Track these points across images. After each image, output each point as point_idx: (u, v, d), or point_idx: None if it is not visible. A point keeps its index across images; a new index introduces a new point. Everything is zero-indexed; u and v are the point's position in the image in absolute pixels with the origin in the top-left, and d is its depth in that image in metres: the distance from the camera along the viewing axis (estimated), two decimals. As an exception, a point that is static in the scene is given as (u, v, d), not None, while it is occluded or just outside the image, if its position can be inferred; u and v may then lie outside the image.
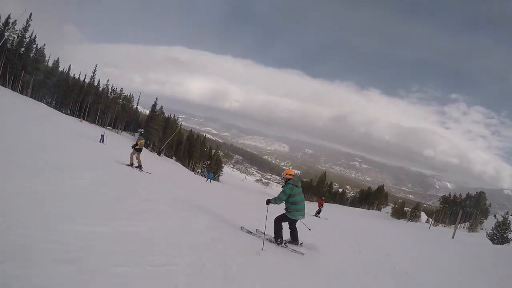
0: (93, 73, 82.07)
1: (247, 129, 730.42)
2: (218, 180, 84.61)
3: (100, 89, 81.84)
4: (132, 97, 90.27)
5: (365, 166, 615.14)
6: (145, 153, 68.93)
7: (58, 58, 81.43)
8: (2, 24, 63.05)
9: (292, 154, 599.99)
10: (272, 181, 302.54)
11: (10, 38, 64.79)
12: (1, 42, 56.85)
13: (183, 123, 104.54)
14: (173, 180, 22.79)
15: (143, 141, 17.62)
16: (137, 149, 17.14)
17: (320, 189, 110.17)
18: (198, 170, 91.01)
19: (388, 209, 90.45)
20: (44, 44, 74.57)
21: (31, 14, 67.09)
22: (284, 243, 7.87)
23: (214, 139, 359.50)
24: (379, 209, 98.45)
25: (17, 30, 66.09)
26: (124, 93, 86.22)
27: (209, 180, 51.28)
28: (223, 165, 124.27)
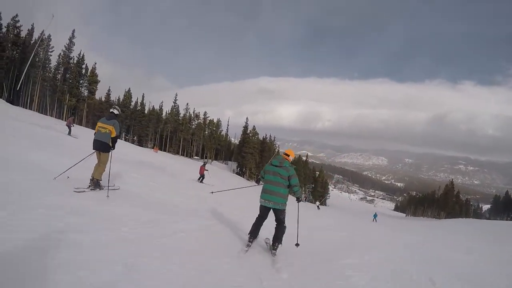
0: (174, 102, 71.50)
1: (343, 147, 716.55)
2: (325, 204, 78.18)
3: (181, 115, 71.10)
4: (220, 122, 79.06)
5: (471, 168, 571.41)
6: (241, 182, 52.68)
7: (143, 98, 72.03)
8: (26, 35, 53.37)
9: (392, 166, 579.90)
10: (377, 197, 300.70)
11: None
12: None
13: (281, 150, 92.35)
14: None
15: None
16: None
17: (448, 201, 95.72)
18: (304, 195, 79.65)
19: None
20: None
21: (73, 31, 57.78)
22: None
23: (310, 161, 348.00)
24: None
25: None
26: (209, 116, 74.95)
27: (374, 219, 44.81)
28: (329, 187, 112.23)
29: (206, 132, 74.33)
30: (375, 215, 51.01)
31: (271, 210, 6.14)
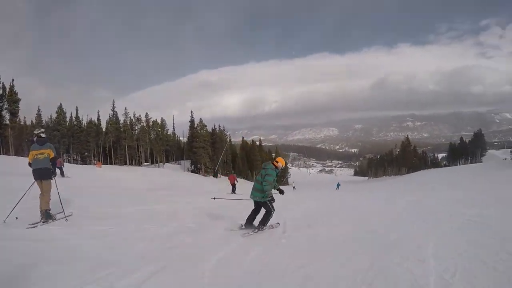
0: (112, 110, 66.56)
1: (293, 125, 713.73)
2: (287, 183, 77.62)
3: (122, 122, 66.23)
4: (165, 122, 74.71)
5: (419, 123, 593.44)
6: (198, 179, 48.75)
7: (77, 112, 65.76)
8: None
9: (343, 134, 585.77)
10: (335, 166, 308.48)
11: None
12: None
13: (231, 138, 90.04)
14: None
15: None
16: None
17: (408, 158, 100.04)
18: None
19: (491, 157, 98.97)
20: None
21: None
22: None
23: (264, 144, 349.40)
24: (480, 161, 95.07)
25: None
26: (151, 118, 70.51)
27: (337, 188, 48.61)
28: (288, 166, 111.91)
29: (152, 135, 69.68)
30: (338, 185, 53.61)
31: (258, 203, 7.93)
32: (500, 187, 22.35)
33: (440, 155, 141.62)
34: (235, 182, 29.34)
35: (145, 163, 65.91)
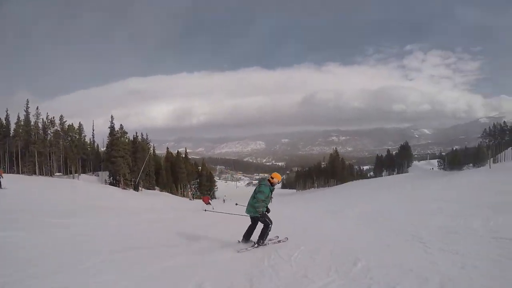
0: (26, 110, 59.12)
1: (220, 138, 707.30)
2: (214, 197, 77.90)
3: (32, 123, 58.92)
4: (82, 127, 67.80)
5: (343, 138, 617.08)
6: (117, 193, 44.35)
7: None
8: None
9: (270, 148, 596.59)
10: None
11: None
12: None
13: (156, 152, 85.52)
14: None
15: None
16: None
17: (337, 170, 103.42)
18: (190, 192, 77.57)
19: (415, 168, 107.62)
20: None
21: None
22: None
23: (191, 157, 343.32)
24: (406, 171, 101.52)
25: None
26: (66, 121, 63.60)
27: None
28: (215, 179, 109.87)
29: (67, 142, 62.89)
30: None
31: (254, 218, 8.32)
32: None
33: (365, 167, 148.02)
34: (210, 201, 31.92)
35: (58, 173, 59.04)
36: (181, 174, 77.42)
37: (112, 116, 61.83)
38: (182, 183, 77.72)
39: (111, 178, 60.68)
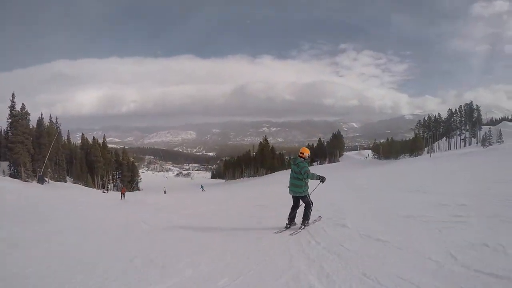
0: None
1: (150, 127, 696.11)
2: (138, 189, 75.62)
3: None
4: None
5: (274, 129, 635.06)
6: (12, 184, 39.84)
7: None
8: None
9: (201, 138, 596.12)
10: (192, 169, 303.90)
11: None
12: None
13: (79, 142, 76.45)
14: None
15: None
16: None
17: (267, 159, 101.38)
18: (109, 184, 73.52)
19: (347, 157, 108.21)
20: None
21: None
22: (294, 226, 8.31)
23: (118, 147, 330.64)
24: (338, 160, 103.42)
25: None
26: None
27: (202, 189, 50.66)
28: (141, 169, 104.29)
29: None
30: (202, 187, 55.36)
31: (298, 197, 8.22)
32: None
33: None
34: (123, 194, 35.14)
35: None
36: (97, 163, 70.06)
37: (13, 94, 51.42)
38: (98, 173, 70.45)
39: (11, 169, 51.65)
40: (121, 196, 33.99)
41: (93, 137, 79.01)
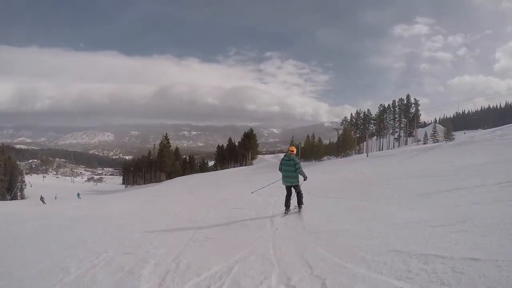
0: None
1: (66, 128, 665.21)
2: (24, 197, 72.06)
3: None
4: None
5: (195, 133, 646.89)
6: None
7: None
8: None
9: (119, 140, 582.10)
10: (106, 174, 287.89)
11: None
12: None
13: None
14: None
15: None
16: None
17: (166, 160, 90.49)
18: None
19: (261, 160, 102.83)
20: None
21: None
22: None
23: (29, 148, 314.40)
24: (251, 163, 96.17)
25: None
26: None
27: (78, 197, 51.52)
28: (31, 174, 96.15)
29: None
30: (78, 194, 55.42)
31: (291, 187, 9.52)
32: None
33: (212, 162, 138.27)
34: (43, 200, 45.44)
35: None
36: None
37: None
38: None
39: None
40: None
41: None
